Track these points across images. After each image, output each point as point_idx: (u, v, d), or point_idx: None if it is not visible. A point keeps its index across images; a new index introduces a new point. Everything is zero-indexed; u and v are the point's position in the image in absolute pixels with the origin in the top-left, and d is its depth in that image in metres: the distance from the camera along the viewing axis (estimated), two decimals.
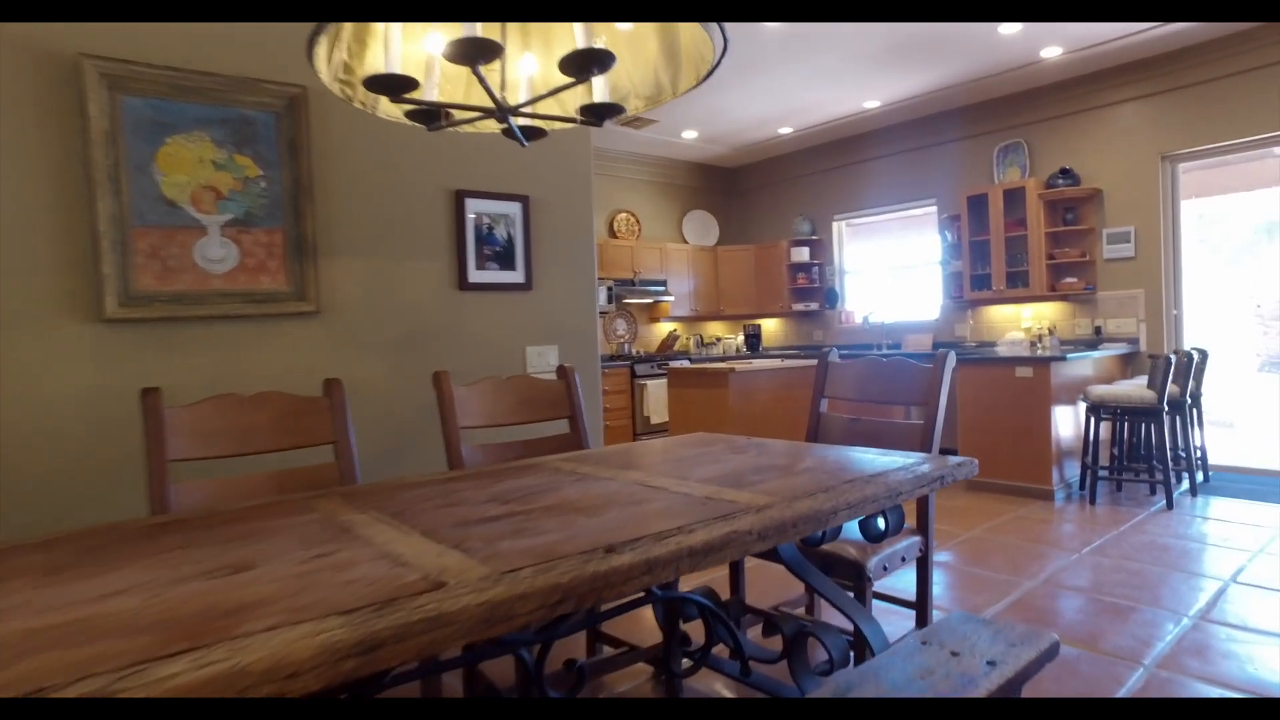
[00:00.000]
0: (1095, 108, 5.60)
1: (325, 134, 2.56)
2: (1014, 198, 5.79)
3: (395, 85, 1.46)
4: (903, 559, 2.21)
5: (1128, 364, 5.48)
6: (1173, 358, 4.16)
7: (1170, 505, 4.25)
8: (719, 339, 8.08)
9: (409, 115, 1.75)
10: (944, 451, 6.12)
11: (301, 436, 2.01)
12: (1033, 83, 5.74)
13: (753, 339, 8.03)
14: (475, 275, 2.96)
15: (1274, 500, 4.36)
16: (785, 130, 6.91)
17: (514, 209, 3.06)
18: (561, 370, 2.62)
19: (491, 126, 1.86)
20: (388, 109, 1.80)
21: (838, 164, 7.33)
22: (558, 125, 1.85)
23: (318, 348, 2.57)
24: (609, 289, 6.91)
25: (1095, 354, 4.88)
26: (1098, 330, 5.61)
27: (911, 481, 1.65)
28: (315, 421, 2.04)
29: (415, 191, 2.81)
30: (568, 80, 1.53)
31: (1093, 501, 4.41)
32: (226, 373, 2.38)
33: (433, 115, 1.75)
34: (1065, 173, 5.61)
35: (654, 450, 2.14)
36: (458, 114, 1.78)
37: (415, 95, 1.56)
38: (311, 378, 2.51)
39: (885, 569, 2.13)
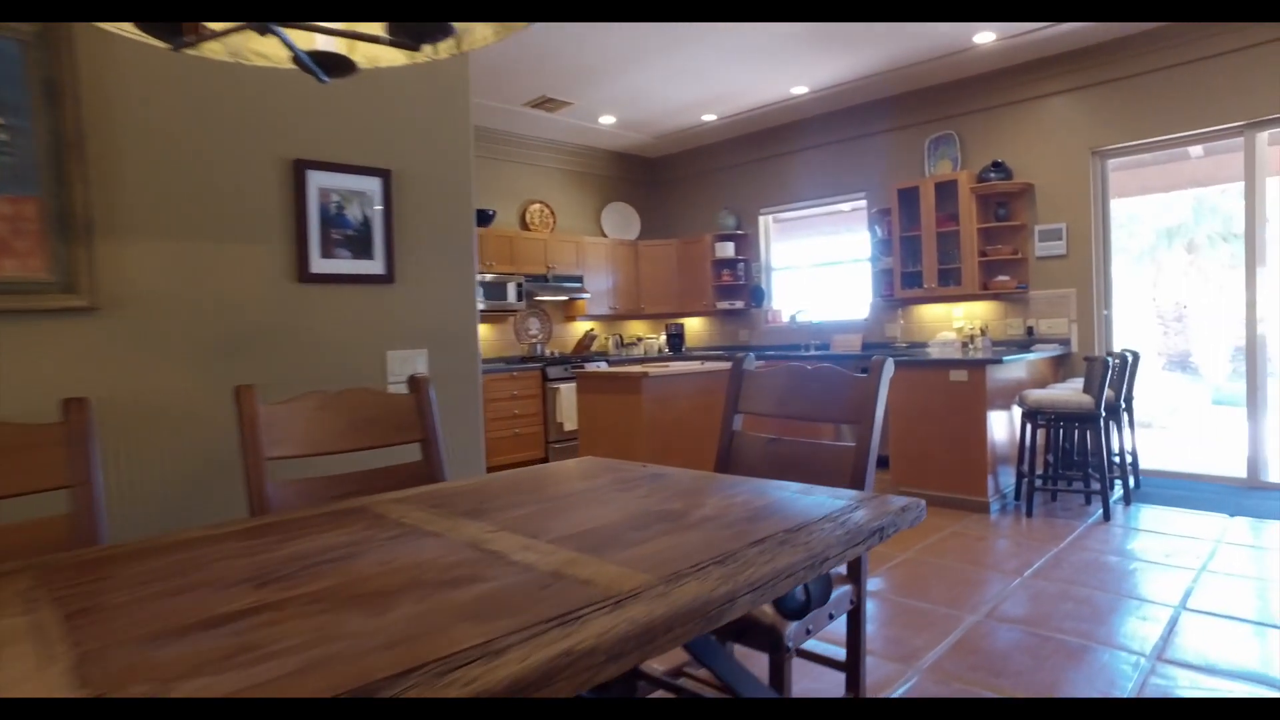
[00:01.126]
0: (1027, 99, 5.38)
1: (103, 75, 1.96)
2: (946, 191, 5.53)
3: None
4: (830, 615, 1.79)
5: (1060, 366, 5.28)
6: (1110, 361, 3.92)
7: (1107, 516, 4.02)
8: (640, 339, 7.63)
9: (142, 29, 1.22)
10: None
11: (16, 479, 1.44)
12: (965, 72, 5.49)
13: (675, 339, 7.62)
14: (320, 264, 2.40)
15: (1204, 508, 4.18)
16: (709, 117, 6.51)
17: (372, 185, 2.51)
18: (413, 382, 2.11)
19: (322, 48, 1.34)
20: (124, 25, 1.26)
21: (764, 155, 6.98)
22: (360, 54, 1.35)
23: (93, 355, 1.97)
24: (519, 285, 6.37)
25: (1030, 356, 4.64)
26: (1030, 331, 5.40)
27: (842, 539, 1.22)
28: (40, 460, 1.48)
29: (240, 158, 2.23)
30: None
31: (1029, 514, 4.14)
32: None
33: (174, 28, 1.22)
34: (997, 166, 5.38)
35: (519, 485, 1.66)
36: (212, 26, 1.26)
37: None
38: (83, 394, 1.92)
39: (809, 632, 1.70)
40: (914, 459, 4.51)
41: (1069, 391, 4.13)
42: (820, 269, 6.89)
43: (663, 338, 7.70)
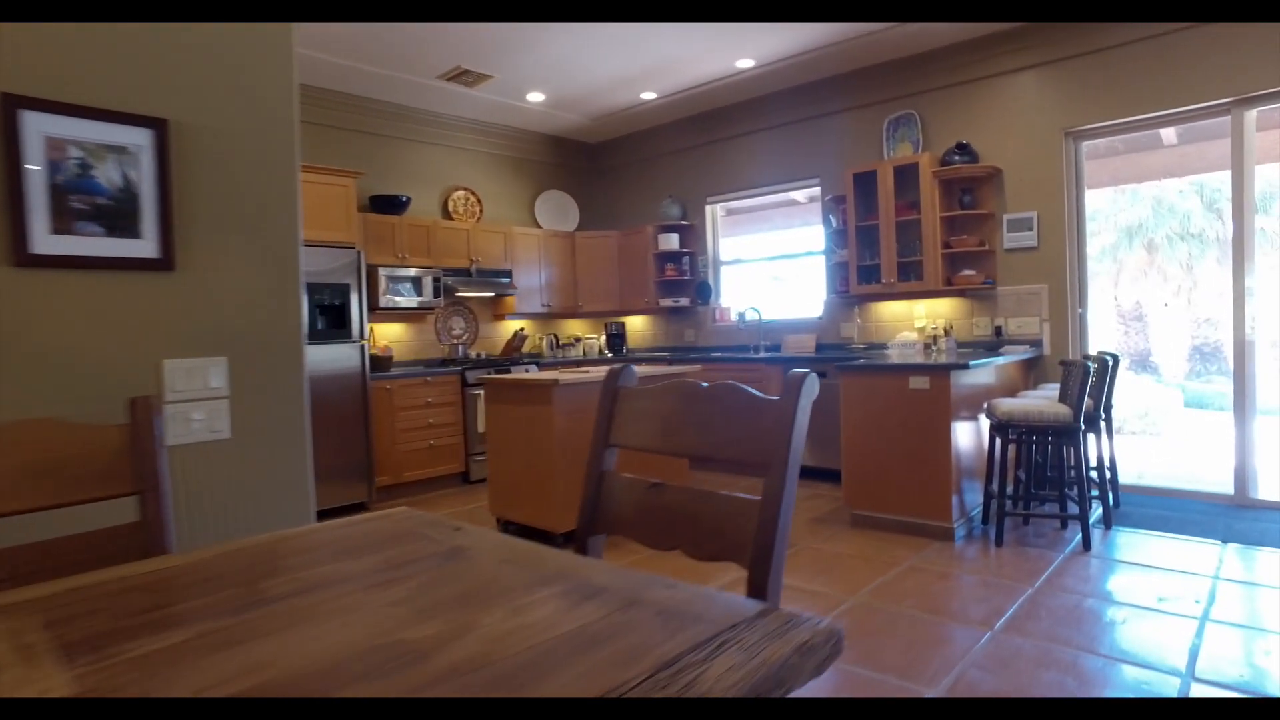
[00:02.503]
0: (994, 75, 4.85)
1: None
2: (906, 176, 4.98)
3: None
4: None
5: (1031, 370, 4.76)
6: (1090, 366, 3.38)
7: (1087, 545, 3.48)
8: (578, 339, 6.99)
9: None
10: (821, 476, 5.36)
11: None
12: (926, 44, 4.95)
13: (616, 340, 6.99)
14: (51, 243, 1.70)
15: (1193, 532, 3.68)
16: (648, 95, 5.89)
17: (138, 138, 1.81)
18: (133, 406, 1.44)
19: None
20: None
21: (711, 139, 6.39)
22: None
23: None
24: (436, 280, 5.69)
25: (1000, 359, 4.10)
26: (998, 331, 4.88)
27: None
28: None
29: None
30: None
31: (998, 541, 3.59)
32: None
33: None
34: (962, 148, 4.85)
35: (242, 568, 1.01)
36: None
37: None
38: None
39: None
40: (869, 478, 3.94)
41: (1043, 401, 3.59)
42: (773, 263, 6.32)
43: (604, 338, 7.06)
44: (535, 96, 5.82)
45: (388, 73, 5.18)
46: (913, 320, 5.25)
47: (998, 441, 3.67)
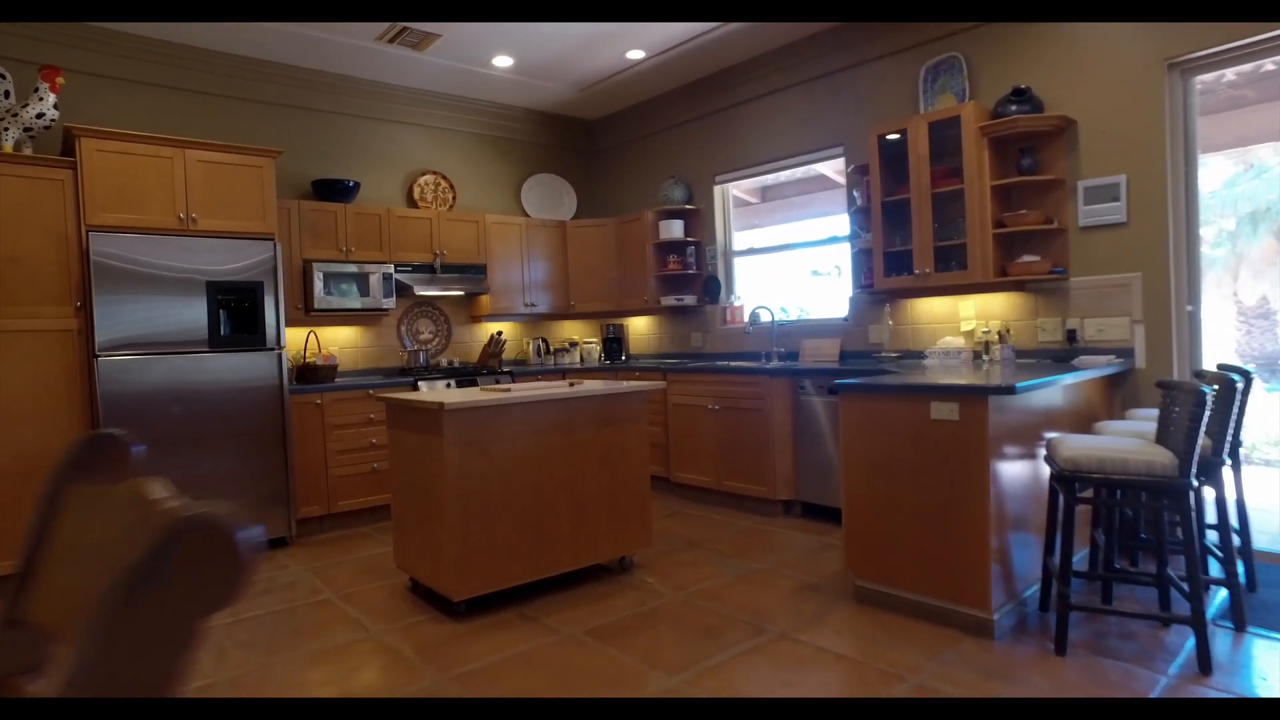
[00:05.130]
0: None
1: None
2: (945, 135, 3.84)
3: None
4: None
5: (1116, 390, 3.55)
6: (1207, 391, 2.22)
7: (1205, 666, 2.29)
8: (573, 343, 6.07)
9: None
10: (834, 517, 4.27)
11: None
12: None
13: (613, 344, 6.04)
14: None
15: None
16: (636, 54, 4.91)
17: None
18: None
19: None
20: None
21: (717, 106, 5.35)
22: None
23: None
24: (385, 276, 4.87)
25: (1068, 377, 2.92)
26: (1071, 335, 3.68)
27: None
28: None
29: None
30: None
31: (1060, 648, 2.45)
32: None
33: None
34: (1020, 95, 3.67)
35: None
36: None
37: None
38: None
39: None
40: (876, 539, 2.86)
41: (1134, 442, 2.44)
42: (794, 253, 5.23)
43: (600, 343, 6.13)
44: (502, 61, 4.93)
45: (317, 34, 4.39)
46: (958, 321, 4.09)
47: (1061, 499, 2.54)
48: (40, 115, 3.65)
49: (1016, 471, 2.72)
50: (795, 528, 4.10)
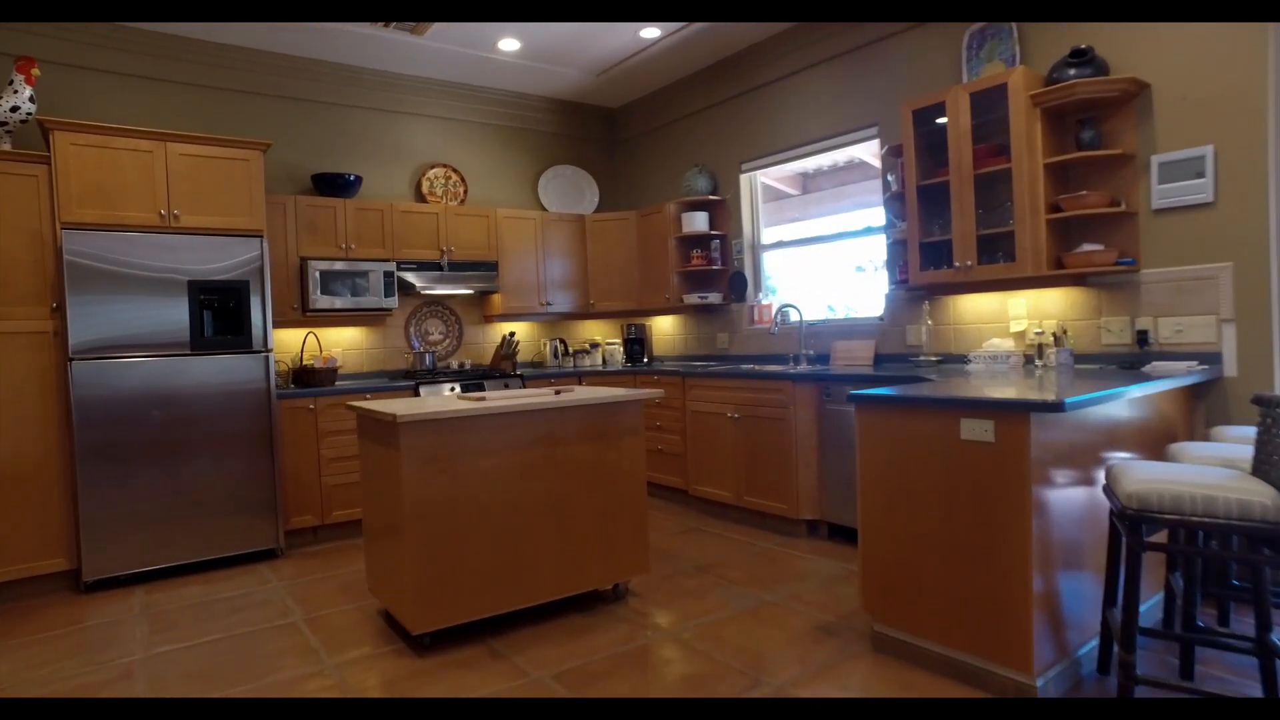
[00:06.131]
0: None
1: None
2: (990, 107, 3.35)
3: None
4: None
5: (1198, 403, 3.01)
6: None
7: None
8: (594, 344, 5.74)
9: None
10: (842, 533, 3.49)
11: None
12: None
13: (635, 345, 5.67)
14: None
15: None
16: (650, 32, 4.54)
17: None
18: None
19: None
20: None
21: (743, 88, 4.93)
22: None
23: None
24: (387, 275, 4.62)
25: (1137, 388, 2.42)
26: (1142, 338, 3.15)
27: None
28: None
29: None
30: None
31: None
32: None
33: None
34: (1080, 56, 3.15)
35: None
36: None
37: None
38: None
39: None
40: (898, 578, 2.42)
41: (1221, 473, 1.95)
42: (833, 247, 4.77)
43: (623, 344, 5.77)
44: (508, 44, 4.63)
45: (313, 21, 4.16)
46: (1007, 321, 3.58)
47: (1125, 542, 2.06)
48: (15, 109, 3.50)
49: (1070, 498, 2.25)
50: (818, 551, 3.67)
